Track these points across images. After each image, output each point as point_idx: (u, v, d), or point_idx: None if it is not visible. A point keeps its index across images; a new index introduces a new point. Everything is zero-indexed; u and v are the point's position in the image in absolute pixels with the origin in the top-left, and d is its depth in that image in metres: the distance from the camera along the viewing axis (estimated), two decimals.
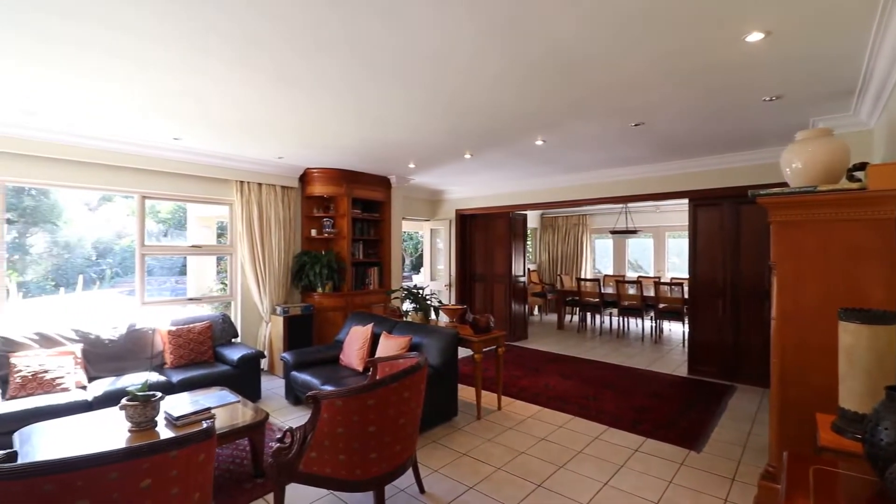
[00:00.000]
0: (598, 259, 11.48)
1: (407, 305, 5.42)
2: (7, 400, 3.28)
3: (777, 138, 4.23)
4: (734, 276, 5.18)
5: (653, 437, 3.55)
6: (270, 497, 2.66)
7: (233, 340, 4.80)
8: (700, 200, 5.41)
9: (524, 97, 3.11)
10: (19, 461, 2.30)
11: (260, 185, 5.46)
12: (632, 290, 7.81)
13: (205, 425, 1.63)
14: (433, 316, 5.01)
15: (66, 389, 3.51)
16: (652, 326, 7.71)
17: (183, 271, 9.12)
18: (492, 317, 4.38)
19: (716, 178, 5.15)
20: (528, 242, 10.67)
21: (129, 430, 2.65)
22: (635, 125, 3.78)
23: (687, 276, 5.68)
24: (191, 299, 5.47)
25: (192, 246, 5.82)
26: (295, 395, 4.31)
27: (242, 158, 5.13)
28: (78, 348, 3.84)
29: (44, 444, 2.51)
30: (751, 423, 3.88)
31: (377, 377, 3.04)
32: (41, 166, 4.04)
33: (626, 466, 3.10)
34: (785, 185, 2.55)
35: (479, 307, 7.76)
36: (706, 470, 3.05)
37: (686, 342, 6.30)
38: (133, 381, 3.64)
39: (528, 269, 9.97)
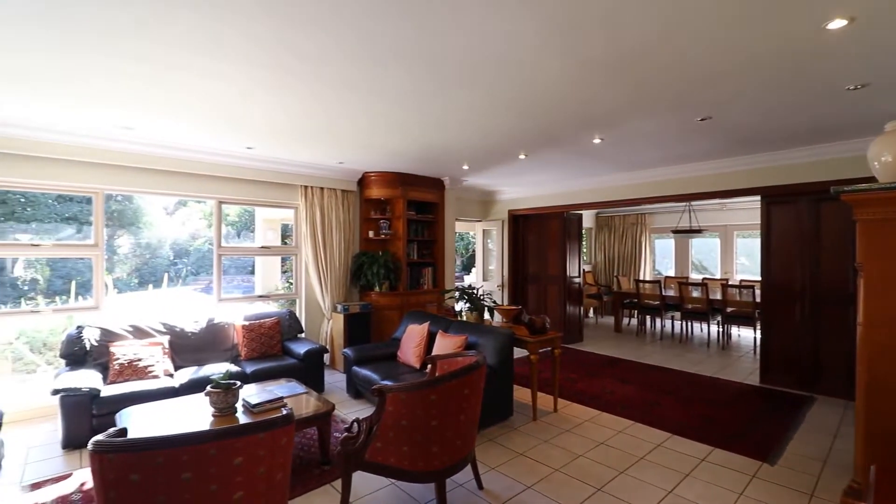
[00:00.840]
0: (659, 260, 10.99)
1: (461, 305, 5.50)
2: (108, 384, 3.69)
3: (861, 130, 3.89)
4: (813, 279, 4.80)
5: (721, 447, 3.38)
6: (337, 483, 2.82)
7: (298, 336, 5.10)
8: (774, 197, 5.06)
9: (584, 96, 3.08)
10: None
11: (322, 189, 5.76)
12: (696, 293, 7.43)
13: (284, 412, 1.78)
14: (487, 316, 5.05)
15: (156, 377, 3.90)
16: (719, 332, 7.29)
17: (251, 270, 9.77)
18: (547, 318, 4.35)
19: (791, 173, 4.80)
20: (583, 243, 10.44)
21: (213, 415, 2.90)
22: (701, 120, 3.62)
23: (758, 278, 5.33)
24: (260, 297, 5.86)
25: (262, 247, 6.24)
26: (356, 388, 4.51)
27: (306, 164, 5.44)
28: (165, 340, 4.25)
29: (142, 424, 2.81)
30: (832, 437, 3.59)
31: (436, 374, 3.13)
32: (132, 175, 4.51)
33: (692, 475, 2.98)
34: (872, 179, 2.35)
35: (532, 308, 7.70)
36: (781, 483, 2.87)
37: (758, 349, 5.91)
38: (213, 370, 3.98)
39: (583, 270, 9.75)
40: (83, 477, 2.97)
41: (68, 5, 1.95)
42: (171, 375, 3.99)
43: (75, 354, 3.86)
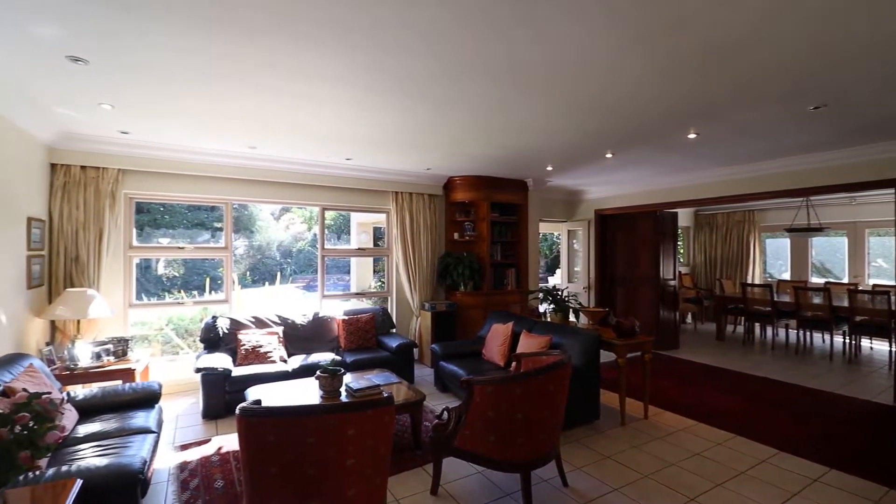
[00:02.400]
0: (771, 261, 9.92)
1: (545, 306, 5.51)
2: (236, 366, 4.32)
3: None
4: None
5: (839, 469, 3.05)
6: (429, 468, 3.04)
7: (390, 331, 5.49)
8: None
9: (674, 92, 2.99)
10: None
11: (411, 194, 6.12)
12: (817, 299, 6.61)
13: (385, 395, 2.02)
14: (572, 318, 5.02)
15: (273, 361, 4.47)
16: (845, 343, 6.42)
17: (347, 270, 10.60)
18: (637, 321, 4.22)
19: None
20: (680, 243, 9.77)
21: (321, 397, 3.30)
22: (814, 108, 3.30)
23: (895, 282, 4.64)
24: (356, 294, 6.40)
25: (358, 249, 6.78)
26: (443, 382, 4.75)
27: (397, 172, 5.83)
28: (280, 330, 4.84)
29: (266, 400, 3.28)
30: None
31: (521, 371, 3.23)
32: (252, 187, 5.20)
33: (800, 495, 2.74)
34: None
35: (620, 312, 7.41)
36: None
37: (894, 364, 5.14)
38: (319, 358, 4.46)
39: (680, 272, 9.13)
40: (220, 442, 3.53)
41: (217, 65, 2.39)
42: (286, 361, 4.55)
43: (211, 340, 4.57)
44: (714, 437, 3.62)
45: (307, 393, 3.45)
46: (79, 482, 1.77)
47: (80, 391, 3.19)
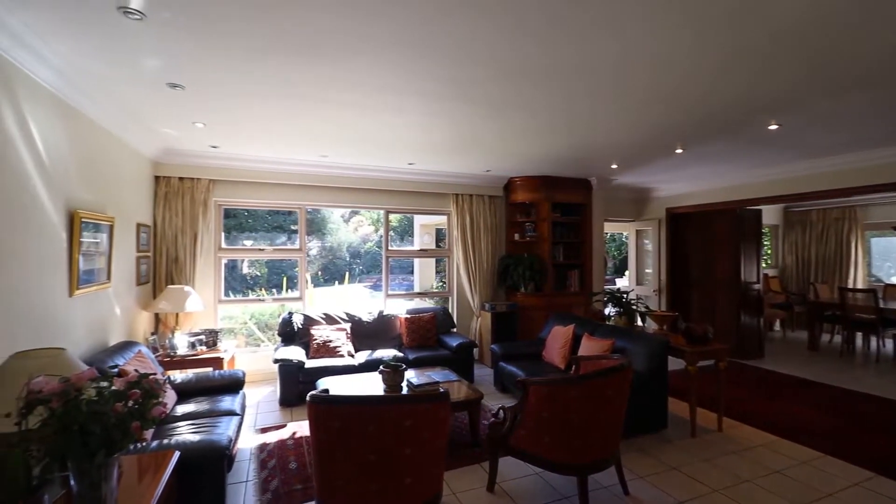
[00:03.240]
0: (877, 263, 8.79)
1: (610, 309, 5.33)
2: (309, 359, 4.64)
3: None
4: None
5: None
6: (486, 465, 3.09)
7: (451, 330, 5.61)
8: None
9: (752, 83, 2.80)
10: None
11: (471, 196, 6.20)
12: None
13: (442, 391, 2.11)
14: (638, 322, 4.81)
15: (341, 356, 4.75)
16: None
17: (410, 270, 10.93)
18: (710, 327, 3.97)
19: None
20: (766, 243, 8.97)
21: (384, 390, 3.47)
22: None
23: None
24: (418, 294, 6.60)
25: (420, 250, 6.99)
26: (502, 383, 4.78)
27: (457, 174, 5.94)
28: (348, 327, 5.13)
29: (335, 390, 3.51)
30: None
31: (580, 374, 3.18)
32: (323, 192, 5.56)
33: None
34: None
35: (695, 316, 6.95)
36: None
37: None
38: (383, 354, 4.68)
39: (765, 274, 8.38)
40: (294, 427, 3.83)
41: (294, 86, 2.63)
42: (353, 356, 4.82)
43: (287, 334, 4.96)
44: (798, 454, 3.32)
45: (372, 386, 3.65)
46: (177, 454, 2.05)
47: (178, 376, 3.63)
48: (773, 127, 3.74)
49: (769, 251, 9.31)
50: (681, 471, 3.08)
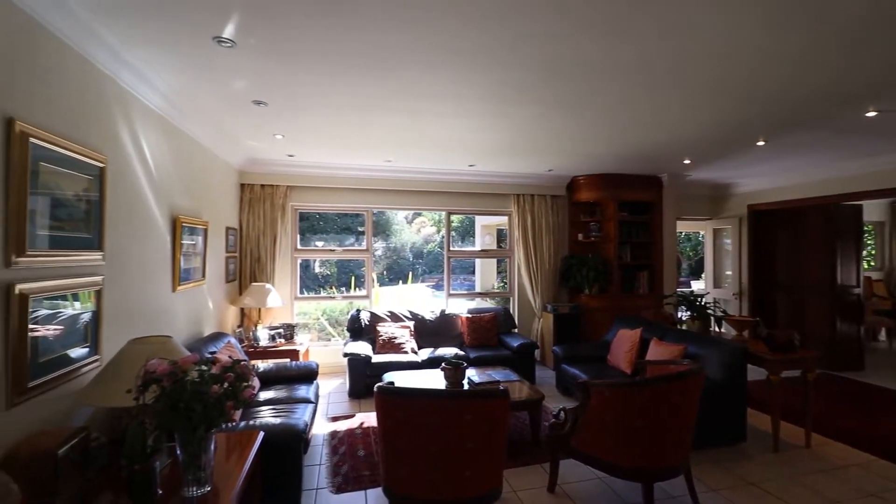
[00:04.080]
0: None
1: (682, 313, 5.06)
2: (375, 354, 4.88)
3: None
4: None
5: None
6: (547, 465, 3.09)
7: (512, 331, 5.62)
8: None
9: (842, 69, 2.56)
10: None
11: (532, 196, 6.16)
12: None
13: (501, 388, 2.16)
14: (714, 327, 4.53)
15: (405, 352, 4.94)
16: None
17: (472, 271, 11.02)
18: (797, 334, 3.65)
19: None
20: (870, 242, 8.00)
21: (446, 387, 3.57)
22: None
23: None
24: (479, 294, 6.66)
25: (482, 250, 7.05)
26: (565, 385, 4.71)
27: (518, 174, 5.94)
28: (411, 324, 5.32)
29: (401, 384, 3.68)
30: None
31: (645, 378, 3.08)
32: (388, 195, 5.81)
33: None
34: None
35: (781, 322, 6.38)
36: None
37: None
38: (445, 352, 4.80)
39: (868, 277, 7.46)
40: (362, 418, 4.06)
41: (363, 98, 2.81)
42: (416, 352, 4.99)
43: (355, 330, 5.25)
44: None
45: (434, 382, 3.77)
46: (261, 434, 2.28)
47: (260, 365, 3.99)
48: (872, 114, 3.37)
49: (872, 251, 8.28)
50: (760, 487, 2.88)
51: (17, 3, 1.73)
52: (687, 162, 5.22)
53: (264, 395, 3.44)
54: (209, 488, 1.75)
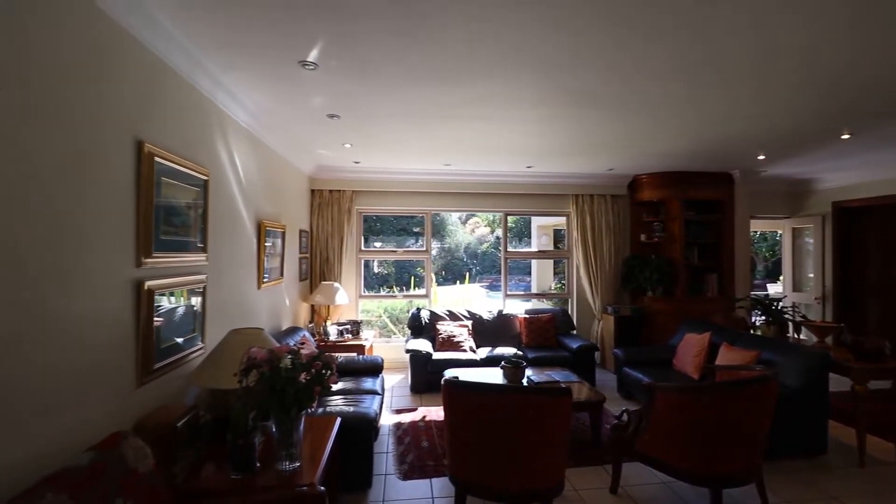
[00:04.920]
0: None
1: (756, 317, 4.79)
2: (435, 351, 5.05)
3: None
4: None
5: None
6: (609, 467, 3.09)
7: (570, 332, 5.58)
8: None
9: None
10: None
11: (591, 196, 6.08)
12: None
13: (562, 386, 2.23)
14: (791, 333, 4.27)
15: (464, 350, 5.08)
16: None
17: (528, 271, 10.98)
18: (887, 342, 3.37)
19: None
20: None
21: (505, 385, 3.66)
22: None
23: None
24: (536, 294, 6.66)
25: (538, 251, 7.04)
26: (627, 389, 4.62)
27: (577, 174, 5.88)
28: (469, 324, 5.45)
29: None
30: None
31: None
32: (446, 198, 5.98)
33: None
34: None
35: (872, 329, 5.83)
36: None
37: None
38: (503, 352, 4.89)
39: None
40: (424, 411, 4.25)
41: (426, 108, 2.98)
42: (474, 351, 5.11)
43: (416, 327, 5.46)
44: None
45: (493, 380, 3.86)
46: (339, 419, 2.50)
47: None
48: None
49: None
50: (841, 502, 2.71)
51: (148, 46, 2.04)
52: (761, 157, 4.93)
53: (336, 386, 3.70)
54: (298, 464, 1.97)
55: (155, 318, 2.09)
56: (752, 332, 4.57)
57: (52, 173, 1.50)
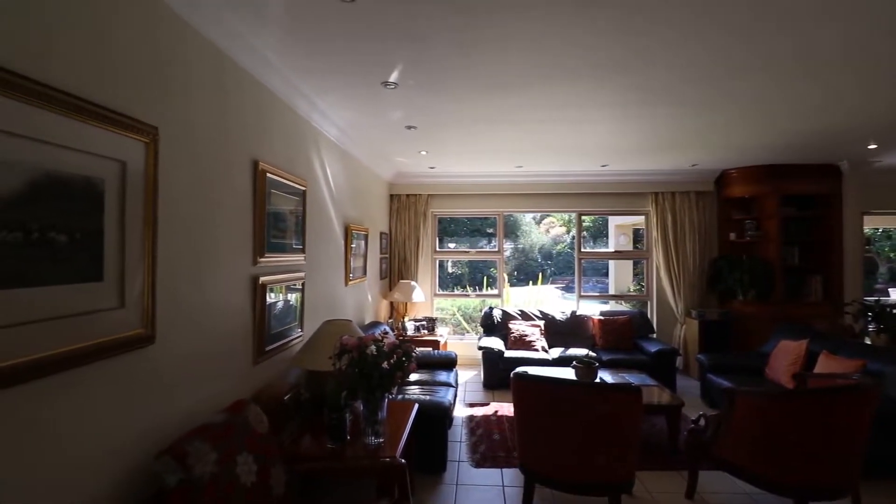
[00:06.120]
0: None
1: (866, 325, 4.31)
2: (507, 349, 5.17)
3: None
4: None
5: None
6: (685, 473, 3.01)
7: (649, 336, 5.40)
8: None
9: None
10: None
11: (673, 193, 5.81)
12: None
13: (634, 384, 2.26)
14: None
15: (536, 350, 5.14)
16: None
17: (605, 272, 10.63)
18: None
19: None
20: None
21: None
22: None
23: None
24: (613, 296, 6.49)
25: (615, 251, 6.85)
26: (711, 396, 4.39)
27: (656, 172, 5.67)
28: (542, 323, 5.49)
29: None
30: None
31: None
32: (518, 199, 6.07)
33: None
34: None
35: None
36: None
37: None
38: (576, 352, 4.87)
39: None
40: (496, 406, 4.39)
41: (496, 113, 3.13)
42: (546, 350, 5.16)
43: (488, 326, 5.62)
44: None
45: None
46: (416, 405, 2.74)
47: None
48: None
49: None
50: None
51: (262, 81, 2.44)
52: (872, 147, 4.41)
53: (413, 377, 3.98)
54: (382, 440, 2.23)
55: (266, 308, 2.48)
56: (861, 340, 4.12)
57: (208, 193, 1.95)
